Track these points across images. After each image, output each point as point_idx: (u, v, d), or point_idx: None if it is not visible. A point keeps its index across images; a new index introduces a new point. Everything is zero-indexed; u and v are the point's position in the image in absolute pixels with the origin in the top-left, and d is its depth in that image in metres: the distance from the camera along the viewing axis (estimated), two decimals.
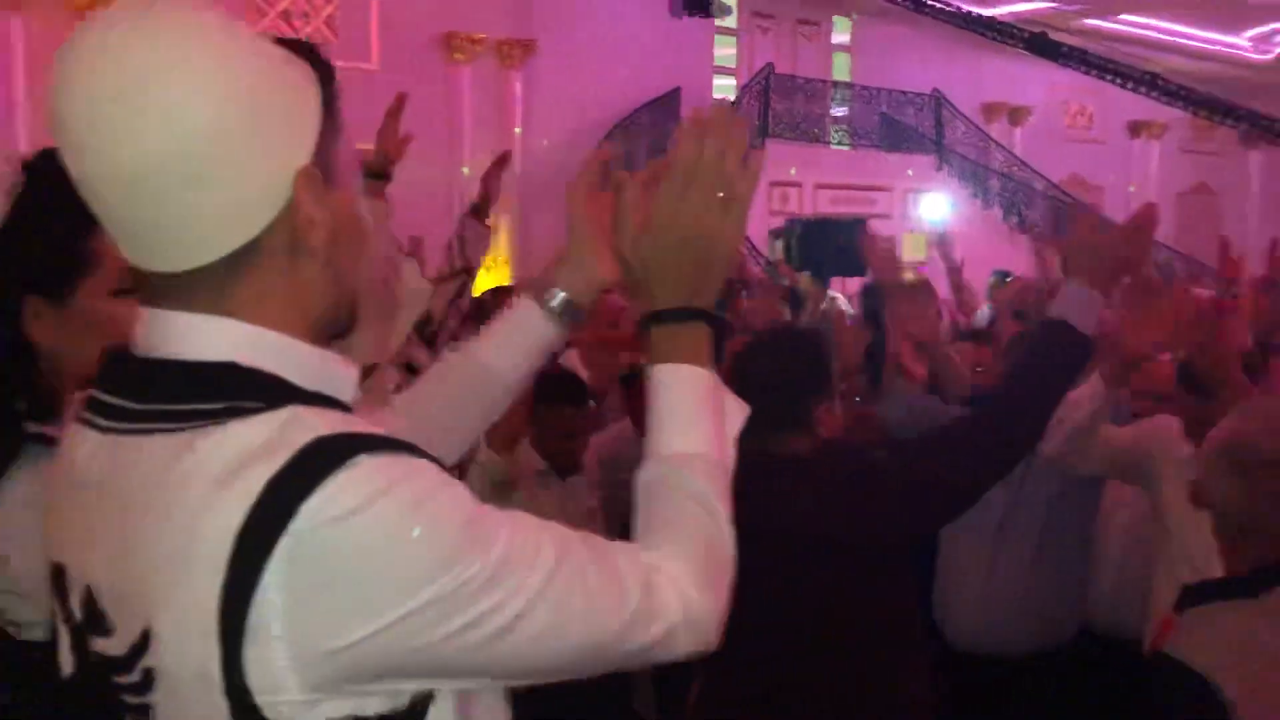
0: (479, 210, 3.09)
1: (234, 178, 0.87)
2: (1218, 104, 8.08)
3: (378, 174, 2.57)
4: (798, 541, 2.01)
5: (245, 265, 0.90)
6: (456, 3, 13.40)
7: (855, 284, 12.11)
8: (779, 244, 11.36)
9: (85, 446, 0.92)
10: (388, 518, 0.81)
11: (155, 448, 0.86)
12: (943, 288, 7.59)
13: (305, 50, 0.97)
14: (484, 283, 13.94)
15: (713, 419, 1.09)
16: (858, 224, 13.29)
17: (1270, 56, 18.81)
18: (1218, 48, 18.52)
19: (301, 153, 0.91)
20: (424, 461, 0.86)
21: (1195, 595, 1.97)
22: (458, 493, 0.87)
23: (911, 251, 13.26)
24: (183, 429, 0.86)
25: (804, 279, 9.24)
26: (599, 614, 0.90)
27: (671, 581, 0.96)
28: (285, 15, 12.49)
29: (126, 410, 0.89)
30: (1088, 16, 16.66)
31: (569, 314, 1.24)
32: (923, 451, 2.28)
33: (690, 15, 12.40)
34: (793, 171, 15.25)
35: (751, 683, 2.05)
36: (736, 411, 1.14)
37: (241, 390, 0.87)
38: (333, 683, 0.83)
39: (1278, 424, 1.94)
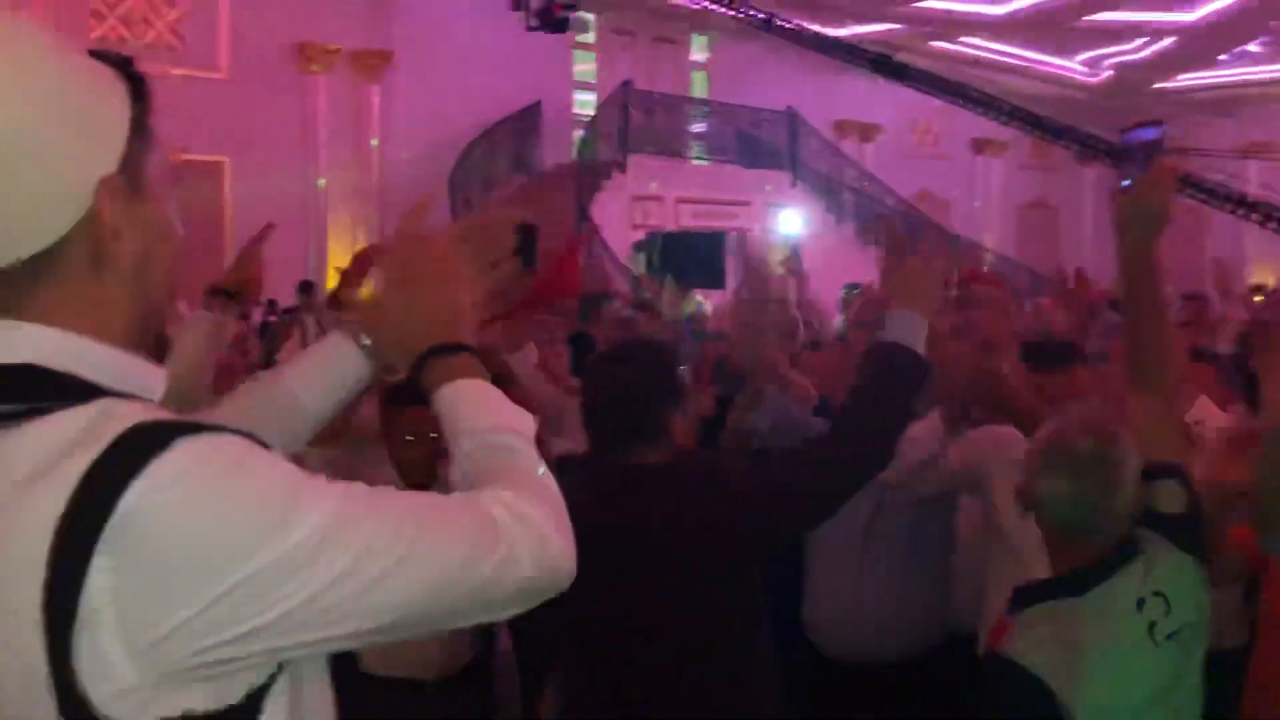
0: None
1: (29, 182, 0.87)
2: (1050, 125, 8.50)
3: (230, 293, 2.37)
4: (653, 549, 2.02)
5: (44, 271, 0.89)
6: (310, 12, 13.10)
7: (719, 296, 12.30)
8: (641, 257, 11.48)
9: None
10: (212, 494, 0.82)
11: None
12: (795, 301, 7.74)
13: (118, 62, 0.97)
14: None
15: (506, 409, 1.13)
16: (718, 237, 13.55)
17: (1100, 79, 19.88)
18: (1053, 70, 19.50)
19: (105, 162, 0.92)
20: (239, 437, 0.87)
21: (1026, 596, 2.03)
22: (278, 462, 0.88)
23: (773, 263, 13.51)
24: None
25: (667, 285, 9.35)
26: (441, 552, 0.92)
27: (508, 508, 0.98)
28: (125, 20, 11.99)
29: None
30: (934, 39, 17.34)
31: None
32: (779, 463, 2.34)
33: (546, 31, 12.38)
34: (654, 186, 15.39)
35: (609, 688, 2.06)
36: (528, 416, 1.15)
37: (43, 391, 0.86)
38: (170, 670, 0.81)
39: (1095, 424, 2.00)
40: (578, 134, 15.65)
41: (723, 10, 11.20)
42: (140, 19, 12.07)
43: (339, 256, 13.56)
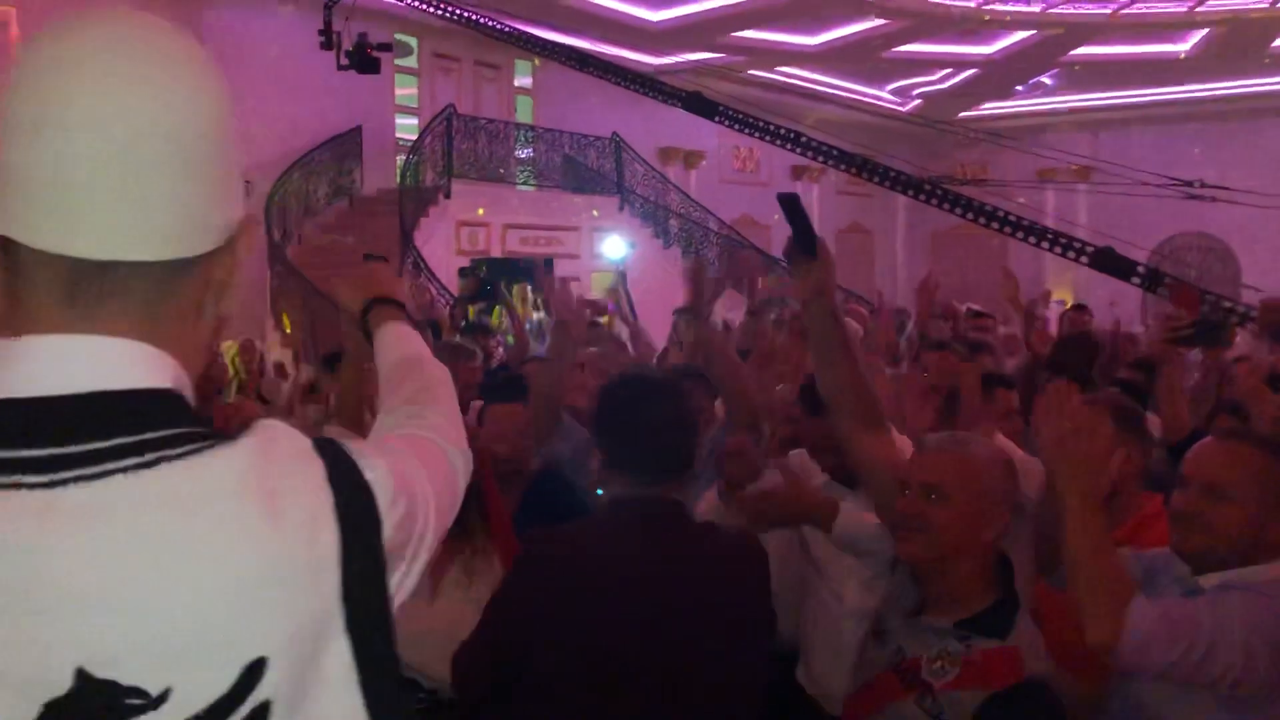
0: None
1: (212, 183, 0.91)
2: (850, 158, 8.84)
3: None
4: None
5: (174, 286, 0.90)
6: None
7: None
8: (464, 282, 11.37)
9: (17, 515, 0.79)
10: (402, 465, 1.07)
11: (159, 482, 0.82)
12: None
13: None
14: None
15: (416, 339, 1.51)
16: (542, 263, 13.52)
17: (909, 108, 20.84)
18: (866, 99, 20.32)
19: (242, 205, 0.97)
20: None
21: (1002, 620, 2.08)
22: None
23: (601, 289, 13.56)
24: (175, 456, 0.84)
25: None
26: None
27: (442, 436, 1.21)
28: None
29: (67, 456, 0.81)
30: (752, 68, 17.83)
31: None
32: None
33: (358, 71, 12.14)
34: (480, 211, 15.26)
35: None
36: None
37: (190, 416, 0.89)
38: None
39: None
40: (400, 159, 15.41)
41: (538, 53, 11.17)
42: None
43: None
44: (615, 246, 14.93)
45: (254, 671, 0.81)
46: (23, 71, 0.85)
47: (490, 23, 10.79)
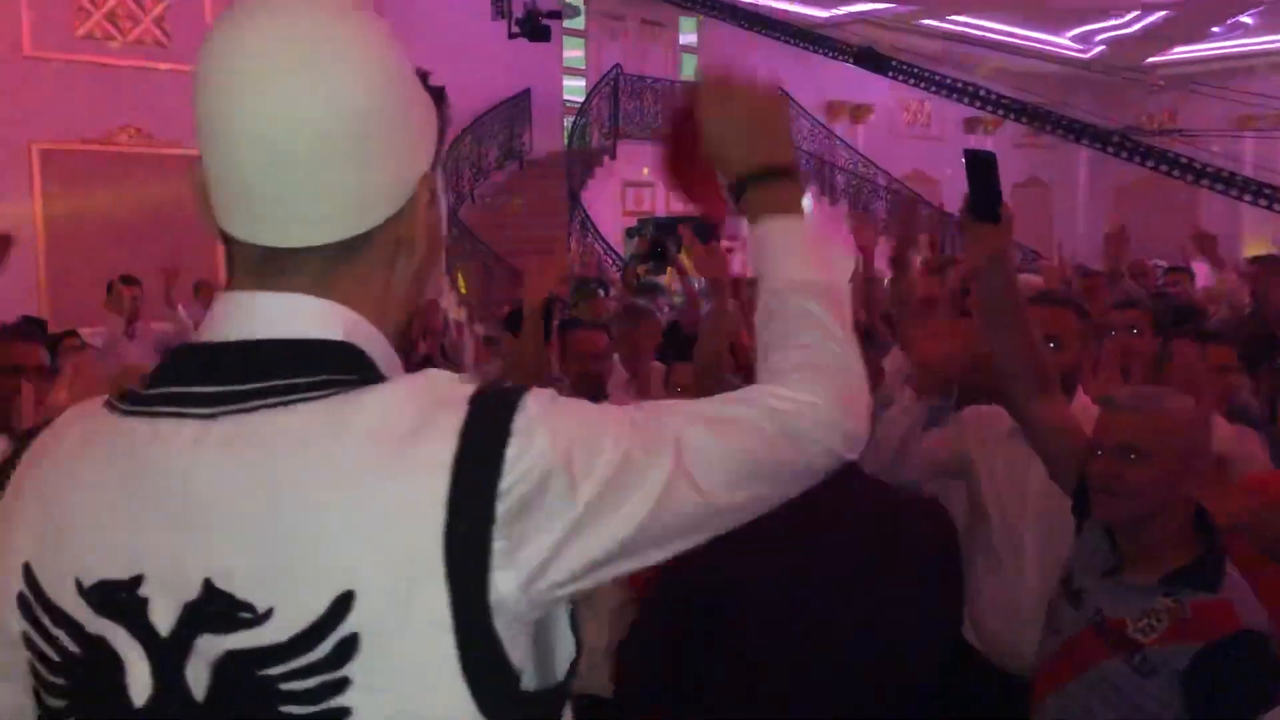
0: None
1: (375, 163, 0.93)
2: (1033, 111, 8.48)
3: None
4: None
5: (352, 254, 0.95)
6: None
7: None
8: (634, 242, 11.46)
9: (178, 440, 0.90)
10: (574, 427, 0.93)
11: (298, 418, 0.88)
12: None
13: (422, 75, 1.04)
14: None
15: (820, 256, 1.15)
16: (708, 223, 13.47)
17: (1092, 54, 19.84)
18: (1044, 46, 19.44)
19: (425, 161, 0.99)
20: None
21: (1206, 572, 2.02)
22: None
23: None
24: (319, 396, 0.89)
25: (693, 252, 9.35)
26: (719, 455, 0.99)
27: (785, 407, 1.02)
28: (111, 16, 11.88)
29: (227, 394, 0.90)
30: (924, 17, 17.27)
31: None
32: None
33: (529, 40, 12.33)
34: (646, 171, 15.33)
35: None
36: (842, 259, 1.23)
37: (357, 366, 0.92)
38: (543, 603, 0.89)
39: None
40: (568, 121, 15.59)
41: (705, 12, 11.05)
42: (125, 15, 11.95)
43: None
44: None
45: (343, 603, 0.84)
46: (198, 76, 0.92)
47: None
